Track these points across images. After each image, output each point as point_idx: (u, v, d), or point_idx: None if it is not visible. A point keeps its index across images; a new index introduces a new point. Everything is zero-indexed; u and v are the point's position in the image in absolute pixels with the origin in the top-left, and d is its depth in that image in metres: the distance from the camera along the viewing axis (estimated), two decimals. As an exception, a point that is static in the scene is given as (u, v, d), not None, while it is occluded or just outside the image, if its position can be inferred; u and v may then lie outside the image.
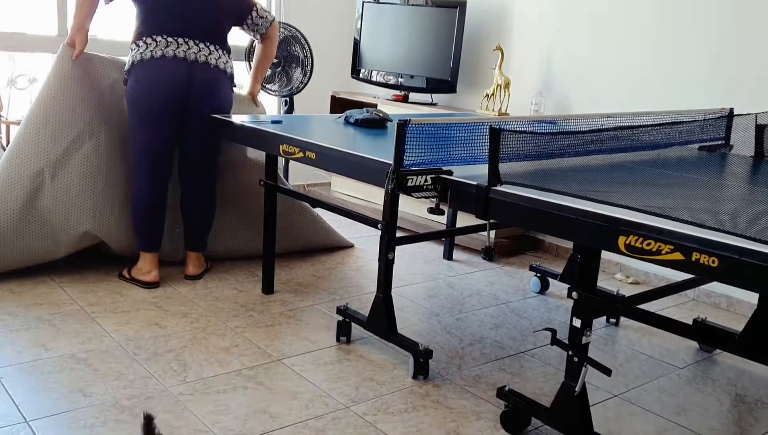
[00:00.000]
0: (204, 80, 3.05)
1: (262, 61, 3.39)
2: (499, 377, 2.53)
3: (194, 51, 3.03)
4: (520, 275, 3.68)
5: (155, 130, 3.05)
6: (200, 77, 3.04)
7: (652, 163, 2.46)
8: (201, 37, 3.06)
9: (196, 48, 3.04)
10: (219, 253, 3.49)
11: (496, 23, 4.29)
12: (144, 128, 3.05)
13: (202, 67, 3.04)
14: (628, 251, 1.65)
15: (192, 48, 3.03)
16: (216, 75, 3.08)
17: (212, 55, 3.07)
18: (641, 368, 2.68)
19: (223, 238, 3.47)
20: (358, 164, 2.36)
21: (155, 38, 3.01)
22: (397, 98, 4.62)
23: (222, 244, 3.47)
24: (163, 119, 3.04)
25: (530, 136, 2.07)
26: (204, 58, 3.05)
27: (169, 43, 3.00)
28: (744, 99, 3.22)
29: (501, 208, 1.95)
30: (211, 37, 3.09)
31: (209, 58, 3.06)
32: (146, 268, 3.17)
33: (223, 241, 3.47)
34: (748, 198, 2.07)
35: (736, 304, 3.34)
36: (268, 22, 3.26)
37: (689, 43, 3.44)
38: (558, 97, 4.00)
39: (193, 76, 3.03)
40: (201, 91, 3.05)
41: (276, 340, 2.71)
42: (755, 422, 2.34)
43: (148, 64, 3.00)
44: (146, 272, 3.16)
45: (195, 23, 3.05)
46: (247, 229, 3.51)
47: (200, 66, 3.04)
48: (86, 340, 2.58)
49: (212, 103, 3.10)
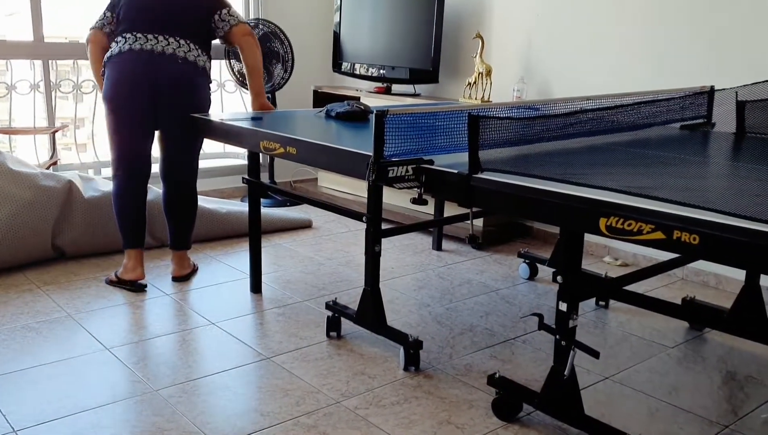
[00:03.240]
0: (171, 72, 2.99)
1: (249, 74, 3.18)
2: (490, 365, 2.53)
3: (162, 44, 2.99)
4: (509, 262, 3.68)
5: (129, 126, 3.04)
6: (166, 69, 2.98)
7: (633, 144, 2.46)
8: (170, 32, 3.02)
9: (164, 41, 2.99)
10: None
11: (475, 11, 4.27)
12: (117, 124, 3.04)
13: (169, 59, 2.98)
14: (609, 232, 1.64)
15: (160, 42, 2.99)
16: (184, 67, 3.00)
17: (181, 48, 3.01)
18: (631, 350, 2.68)
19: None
20: (340, 157, 2.34)
21: (126, 36, 3.01)
22: (379, 90, 4.60)
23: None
24: (133, 114, 3.01)
25: (509, 122, 2.06)
26: (171, 50, 2.99)
27: (137, 39, 2.99)
28: (726, 76, 3.22)
29: (483, 196, 1.94)
30: (182, 31, 3.04)
31: (177, 50, 3.00)
32: (130, 265, 3.16)
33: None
34: (729, 174, 2.06)
35: (725, 281, 3.35)
36: (228, 25, 3.09)
37: (670, 24, 3.44)
38: (540, 83, 3.99)
39: (158, 68, 2.97)
40: (169, 83, 2.99)
41: (265, 338, 2.69)
42: (746, 398, 2.34)
43: (115, 59, 3.00)
44: (131, 269, 3.15)
45: (166, 18, 3.03)
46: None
47: (167, 57, 2.98)
48: (73, 347, 2.56)
49: (183, 97, 3.03)
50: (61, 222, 3.41)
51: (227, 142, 2.91)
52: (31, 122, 4.21)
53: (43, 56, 4.12)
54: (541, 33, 3.96)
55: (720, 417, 2.21)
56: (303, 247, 3.85)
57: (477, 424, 2.13)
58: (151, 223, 3.64)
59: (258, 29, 4.34)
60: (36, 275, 3.28)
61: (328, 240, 3.99)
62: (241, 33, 3.12)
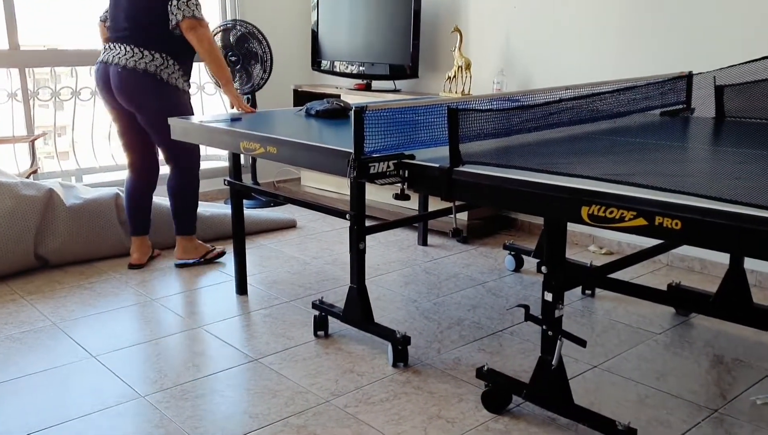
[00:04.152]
0: (119, 81, 3.20)
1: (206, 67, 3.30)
2: (479, 358, 2.52)
3: (114, 54, 3.21)
4: (495, 255, 3.68)
5: (117, 126, 3.41)
6: (116, 79, 3.21)
7: (613, 132, 2.46)
8: (125, 41, 3.21)
9: (117, 50, 3.21)
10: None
11: (452, 5, 4.27)
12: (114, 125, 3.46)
13: (115, 69, 3.20)
14: (591, 221, 1.64)
15: (113, 51, 3.23)
16: (129, 76, 3.17)
17: (127, 55, 3.18)
18: (619, 337, 2.69)
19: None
20: (320, 155, 2.33)
21: (104, 46, 3.33)
22: (359, 87, 4.58)
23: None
24: (114, 117, 3.37)
25: (489, 115, 2.05)
26: (118, 59, 3.19)
27: (104, 50, 3.28)
28: (704, 61, 3.23)
29: (464, 189, 1.94)
30: (135, 39, 3.20)
31: (122, 59, 3.18)
32: (132, 250, 3.50)
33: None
34: (710, 159, 2.07)
35: (710, 266, 3.37)
36: (176, 19, 3.13)
37: (647, 11, 3.45)
38: (520, 75, 3.99)
39: (111, 78, 3.23)
40: (120, 91, 3.23)
41: (252, 339, 2.68)
42: (734, 381, 2.35)
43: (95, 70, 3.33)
44: (131, 254, 3.51)
45: (124, 28, 3.23)
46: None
47: (114, 67, 3.20)
48: (59, 355, 2.54)
49: (136, 102, 3.24)
50: (43, 231, 3.37)
51: (207, 144, 2.89)
52: (9, 131, 4.17)
53: (19, 64, 4.07)
54: (518, 25, 3.96)
55: (708, 401, 2.22)
56: (288, 247, 3.83)
57: (467, 418, 2.13)
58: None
59: (235, 30, 4.32)
60: (19, 285, 3.24)
61: (312, 239, 3.97)
62: (185, 28, 3.16)
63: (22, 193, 3.32)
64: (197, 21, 3.15)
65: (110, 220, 3.56)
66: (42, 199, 3.36)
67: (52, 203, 3.39)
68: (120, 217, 3.60)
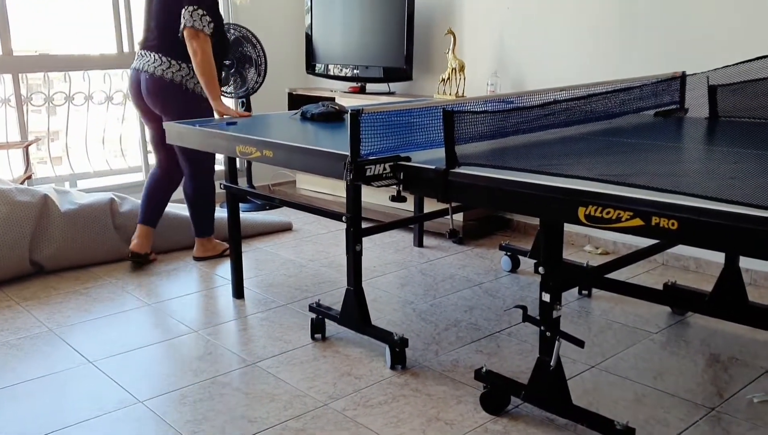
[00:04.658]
0: (147, 88, 3.37)
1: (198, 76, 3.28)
2: (477, 359, 2.53)
3: (145, 61, 3.37)
4: (491, 256, 3.68)
5: (147, 127, 3.61)
6: (144, 85, 3.37)
7: (607, 133, 2.47)
8: (152, 48, 3.35)
9: (147, 58, 3.36)
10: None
11: (445, 7, 4.28)
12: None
13: (145, 76, 3.36)
14: (588, 221, 1.65)
15: (144, 58, 3.37)
16: (155, 83, 3.34)
17: (154, 63, 3.33)
18: (616, 337, 2.70)
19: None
20: (317, 158, 2.33)
21: (137, 53, 3.46)
22: (353, 90, 4.59)
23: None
24: (144, 119, 3.56)
25: (484, 116, 2.06)
26: (146, 66, 3.35)
27: (137, 57, 3.43)
28: (697, 61, 3.25)
29: (461, 190, 1.94)
30: (160, 46, 3.34)
31: (149, 66, 3.34)
32: (134, 236, 3.56)
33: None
34: (704, 159, 2.08)
35: (705, 265, 3.38)
36: (183, 26, 3.20)
37: (639, 11, 3.46)
38: (514, 77, 4.00)
39: (141, 84, 3.39)
40: (148, 97, 3.39)
41: (250, 343, 2.68)
42: (730, 379, 2.36)
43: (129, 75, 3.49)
44: (132, 239, 3.56)
45: (151, 35, 3.38)
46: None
47: (144, 74, 3.36)
48: (56, 362, 2.53)
49: (161, 108, 3.39)
50: (37, 237, 3.36)
51: (203, 148, 2.89)
52: (3, 137, 4.16)
53: (12, 70, 4.06)
54: (512, 26, 3.97)
55: (705, 399, 2.23)
56: (284, 250, 3.83)
57: (466, 420, 2.13)
58: (129, 232, 3.63)
59: (229, 34, 4.31)
60: (15, 291, 3.23)
61: (309, 242, 3.97)
62: (186, 37, 3.23)
63: (17, 200, 3.31)
64: (196, 32, 3.18)
65: (106, 225, 3.56)
66: (37, 205, 3.35)
67: (47, 209, 3.38)
68: (115, 222, 3.60)
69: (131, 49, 4.43)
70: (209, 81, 3.25)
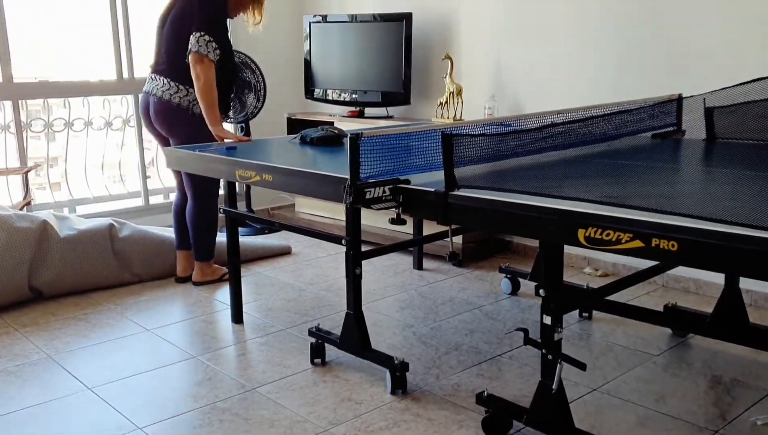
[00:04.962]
0: (155, 111, 3.44)
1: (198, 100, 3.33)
2: (478, 383, 2.51)
3: (154, 84, 3.44)
4: (491, 278, 3.68)
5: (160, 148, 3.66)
6: (153, 108, 3.44)
7: (606, 155, 2.48)
8: (162, 72, 3.42)
9: (156, 82, 3.43)
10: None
11: (442, 32, 4.31)
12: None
13: (153, 99, 3.43)
14: (588, 243, 1.65)
15: (154, 82, 3.44)
16: (163, 106, 3.40)
17: (162, 87, 3.40)
18: (617, 359, 2.69)
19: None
20: (316, 182, 2.34)
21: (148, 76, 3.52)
22: (352, 114, 4.61)
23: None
24: (157, 142, 3.66)
25: (482, 139, 2.07)
26: (155, 90, 3.42)
27: (148, 80, 3.50)
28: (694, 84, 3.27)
29: (460, 213, 1.95)
30: (169, 71, 3.40)
31: (158, 90, 3.41)
32: (177, 262, 3.72)
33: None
34: (703, 180, 2.09)
35: (705, 286, 3.38)
36: (188, 51, 3.26)
37: (634, 35, 3.49)
38: (511, 100, 4.03)
39: (149, 106, 3.47)
40: (156, 120, 3.46)
41: (249, 369, 2.66)
42: (733, 401, 2.35)
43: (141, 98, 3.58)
44: (177, 265, 3.72)
45: (161, 59, 3.45)
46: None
47: (153, 97, 3.43)
48: (54, 388, 2.51)
49: (167, 131, 3.46)
50: (37, 263, 3.36)
51: (203, 173, 2.90)
52: (2, 163, 4.16)
53: (12, 97, 4.08)
54: (508, 51, 4.00)
55: (708, 422, 2.22)
56: (283, 274, 3.82)
57: (468, 444, 2.11)
58: (128, 258, 3.63)
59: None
60: (13, 317, 3.22)
61: (308, 265, 3.96)
62: (190, 61, 3.28)
63: (16, 226, 3.31)
64: (201, 57, 3.24)
65: (105, 250, 3.55)
66: (36, 230, 3.35)
67: (46, 235, 3.38)
68: (114, 247, 3.59)
69: (131, 75, 4.46)
70: (209, 106, 3.28)
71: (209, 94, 3.26)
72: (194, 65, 3.24)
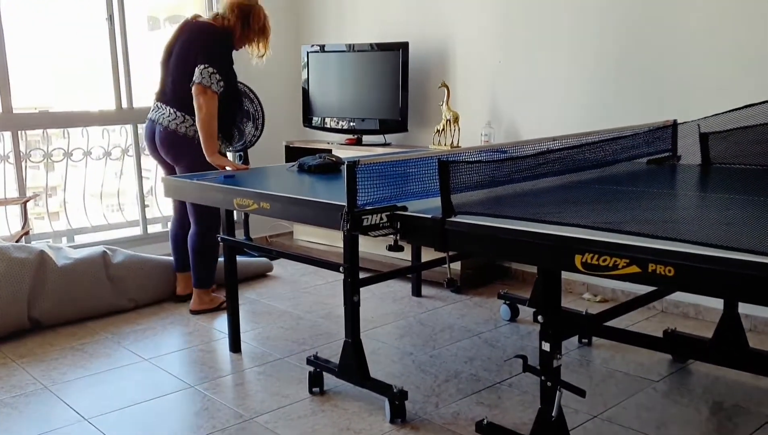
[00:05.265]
0: (160, 139, 3.50)
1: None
2: (478, 411, 2.49)
3: (159, 113, 3.50)
4: (490, 305, 3.67)
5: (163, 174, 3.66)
6: (158, 137, 3.50)
7: (601, 181, 2.49)
8: (168, 102, 3.48)
9: (162, 111, 3.49)
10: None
11: (439, 61, 4.35)
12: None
13: (159, 128, 3.49)
14: (585, 269, 1.65)
15: (159, 110, 3.50)
16: (168, 135, 3.46)
17: (168, 117, 3.46)
18: (617, 386, 2.67)
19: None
20: (313, 209, 2.35)
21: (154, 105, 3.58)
22: (350, 142, 4.63)
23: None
24: (160, 167, 3.70)
25: (479, 166, 2.08)
26: (161, 119, 3.48)
27: (153, 108, 3.56)
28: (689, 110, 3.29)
29: (458, 239, 1.95)
30: (174, 100, 3.46)
31: (163, 120, 3.47)
32: (177, 283, 3.81)
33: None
34: (699, 205, 2.09)
35: (704, 311, 3.37)
36: (193, 83, 3.32)
37: (627, 61, 3.52)
38: (507, 127, 4.05)
39: (154, 134, 3.52)
40: (161, 148, 3.51)
41: (247, 398, 2.64)
42: (734, 428, 2.33)
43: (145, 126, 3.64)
44: (177, 285, 3.81)
45: (167, 89, 3.50)
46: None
47: (158, 126, 3.49)
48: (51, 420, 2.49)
49: (173, 159, 3.52)
50: (35, 293, 3.36)
51: (201, 201, 2.91)
52: (1, 193, 4.17)
53: (12, 127, 4.10)
54: (504, 79, 4.04)
55: (710, 448, 2.20)
56: (281, 301, 3.81)
57: (467, 473, 2.09)
58: (123, 282, 3.67)
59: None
60: (10, 348, 3.20)
61: (306, 293, 3.95)
62: (194, 92, 3.33)
63: (14, 256, 3.31)
64: (204, 88, 3.30)
65: (100, 277, 3.57)
66: (34, 261, 3.35)
67: (44, 265, 3.39)
68: (109, 274, 3.61)
69: (130, 105, 4.48)
70: (208, 137, 3.33)
71: (209, 125, 3.31)
72: (197, 96, 3.29)
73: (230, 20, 3.46)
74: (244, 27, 3.49)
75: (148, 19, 5.45)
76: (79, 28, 4.52)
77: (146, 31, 5.40)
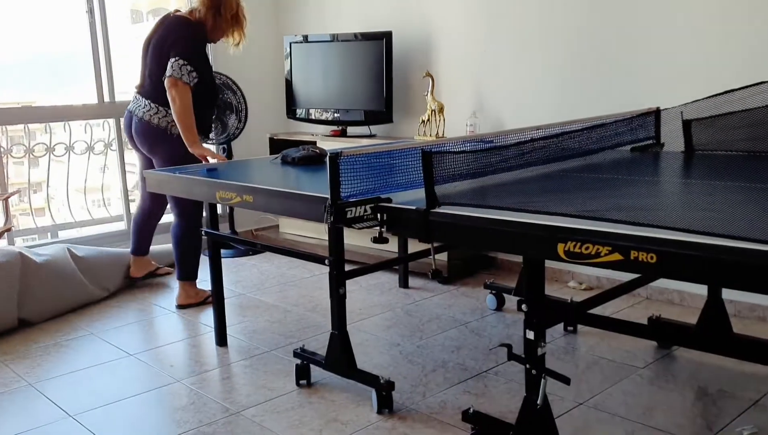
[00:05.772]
0: (136, 130, 3.53)
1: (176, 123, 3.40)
2: (464, 400, 2.50)
3: (137, 105, 3.52)
4: (476, 294, 3.67)
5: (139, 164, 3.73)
6: (135, 128, 3.53)
7: (585, 169, 2.49)
8: (144, 94, 3.51)
9: (139, 102, 3.51)
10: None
11: (423, 50, 4.34)
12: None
13: (135, 119, 3.52)
14: (568, 257, 1.65)
15: (137, 102, 3.53)
16: (143, 127, 3.48)
17: (144, 108, 3.48)
18: (603, 373, 2.68)
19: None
20: (296, 202, 2.33)
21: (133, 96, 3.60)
22: (335, 133, 4.62)
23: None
24: (138, 157, 3.71)
25: (462, 156, 2.07)
26: (137, 110, 3.50)
27: (133, 100, 3.58)
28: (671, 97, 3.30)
29: (442, 230, 1.94)
30: (150, 93, 3.47)
31: (140, 111, 3.50)
32: (130, 264, 3.94)
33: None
34: (681, 192, 2.10)
35: (689, 297, 3.39)
36: (165, 76, 3.33)
37: (613, 49, 3.53)
38: (492, 117, 4.05)
39: (131, 125, 3.54)
40: (137, 138, 3.54)
41: (234, 392, 2.63)
42: (719, 412, 2.35)
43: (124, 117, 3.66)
44: (130, 267, 3.94)
45: (145, 81, 3.53)
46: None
47: (135, 117, 3.52)
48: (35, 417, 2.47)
49: (148, 150, 3.54)
50: (23, 293, 3.39)
51: (183, 195, 2.88)
52: (-18, 189, 4.13)
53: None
54: (488, 68, 4.03)
55: (695, 434, 2.21)
56: (268, 295, 3.80)
57: (454, 462, 2.10)
58: (93, 272, 3.75)
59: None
60: (-7, 346, 3.17)
61: (292, 286, 3.94)
62: (167, 85, 3.36)
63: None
64: (175, 81, 3.32)
65: (73, 270, 3.64)
66: (15, 263, 3.37)
67: (25, 265, 3.41)
68: (80, 267, 3.68)
69: (112, 99, 4.44)
70: (186, 128, 3.35)
71: (185, 117, 3.33)
72: (170, 89, 3.32)
73: (201, 12, 3.46)
74: (216, 17, 3.48)
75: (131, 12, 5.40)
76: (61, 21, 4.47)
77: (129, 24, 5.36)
